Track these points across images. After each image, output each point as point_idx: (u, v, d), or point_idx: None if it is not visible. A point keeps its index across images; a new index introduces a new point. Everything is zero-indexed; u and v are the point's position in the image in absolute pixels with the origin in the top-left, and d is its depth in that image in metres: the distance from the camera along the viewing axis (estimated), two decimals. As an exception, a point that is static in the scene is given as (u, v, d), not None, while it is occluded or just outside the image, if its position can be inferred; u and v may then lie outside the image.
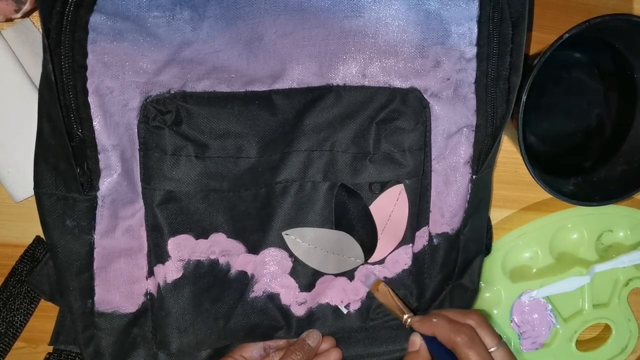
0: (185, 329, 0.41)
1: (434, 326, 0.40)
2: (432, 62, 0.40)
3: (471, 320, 0.40)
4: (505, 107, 0.42)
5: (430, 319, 0.40)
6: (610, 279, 0.56)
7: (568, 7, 0.52)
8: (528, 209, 0.54)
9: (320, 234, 0.42)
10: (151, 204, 0.39)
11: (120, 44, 0.36)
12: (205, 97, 0.38)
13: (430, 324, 0.40)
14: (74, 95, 0.36)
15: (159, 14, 0.36)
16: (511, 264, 0.54)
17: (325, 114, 0.40)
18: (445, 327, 0.39)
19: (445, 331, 0.39)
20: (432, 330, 0.40)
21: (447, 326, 0.39)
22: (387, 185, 0.42)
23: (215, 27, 0.37)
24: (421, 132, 0.42)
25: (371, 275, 0.43)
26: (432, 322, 0.40)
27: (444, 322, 0.40)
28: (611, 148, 0.52)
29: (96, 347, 0.40)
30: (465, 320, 0.40)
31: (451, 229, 0.45)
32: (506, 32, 0.40)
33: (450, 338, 0.38)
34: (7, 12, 0.39)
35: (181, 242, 0.40)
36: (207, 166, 0.39)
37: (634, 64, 0.49)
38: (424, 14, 0.39)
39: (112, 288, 0.40)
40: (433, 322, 0.40)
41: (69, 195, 0.37)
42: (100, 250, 0.39)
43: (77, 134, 0.37)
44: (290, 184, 0.41)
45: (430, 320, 0.40)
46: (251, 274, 0.42)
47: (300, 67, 0.39)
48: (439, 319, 0.40)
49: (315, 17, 0.38)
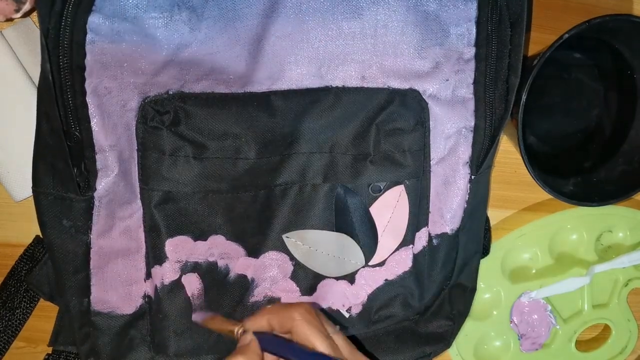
0: (183, 332, 0.41)
1: (266, 313, 0.36)
2: (431, 63, 0.40)
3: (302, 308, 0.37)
4: (504, 108, 0.42)
5: (261, 310, 0.37)
6: (610, 279, 0.56)
7: (568, 7, 0.52)
8: (528, 209, 0.54)
9: (321, 236, 0.42)
10: (149, 204, 0.39)
11: (118, 45, 0.36)
12: (204, 98, 0.38)
13: (262, 313, 0.36)
14: (72, 95, 0.36)
15: (157, 15, 0.36)
16: (511, 264, 0.54)
17: (324, 115, 0.40)
18: (278, 310, 0.36)
19: (278, 314, 0.36)
20: (266, 319, 0.36)
21: (280, 308, 0.36)
22: (388, 186, 0.42)
23: (214, 28, 0.37)
24: (421, 132, 0.41)
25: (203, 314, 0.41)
26: (264, 310, 0.37)
27: (276, 307, 0.37)
28: (611, 148, 0.52)
29: (92, 345, 0.40)
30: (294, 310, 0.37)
31: (450, 229, 0.45)
32: (505, 33, 0.40)
33: (285, 318, 0.35)
34: (7, 11, 0.39)
35: (179, 244, 0.40)
36: (206, 167, 0.39)
37: (634, 64, 0.49)
38: (422, 15, 0.39)
39: (109, 288, 0.40)
40: (265, 310, 0.37)
41: (66, 195, 0.37)
42: (97, 250, 0.39)
43: (74, 134, 0.37)
44: (290, 186, 0.41)
45: (262, 310, 0.37)
46: (251, 277, 0.42)
47: (299, 69, 0.39)
48: (271, 307, 0.37)
49: (314, 18, 0.38)
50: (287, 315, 0.35)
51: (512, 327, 0.54)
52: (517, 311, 0.54)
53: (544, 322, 0.54)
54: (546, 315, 0.54)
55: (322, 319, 0.36)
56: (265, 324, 0.36)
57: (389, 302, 0.45)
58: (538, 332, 0.54)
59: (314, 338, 0.34)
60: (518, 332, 0.54)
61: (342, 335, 0.36)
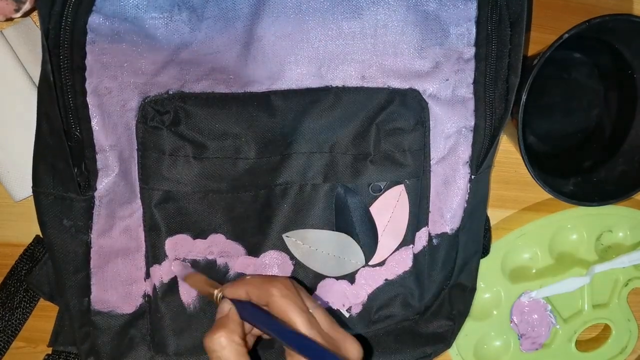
0: (182, 331, 0.41)
1: (245, 284, 0.36)
2: (430, 63, 0.40)
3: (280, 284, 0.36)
4: (504, 108, 0.42)
5: (241, 279, 0.37)
6: (610, 279, 0.56)
7: (568, 7, 0.52)
8: (528, 209, 0.54)
9: (321, 236, 0.42)
10: (149, 203, 0.39)
11: (118, 45, 0.36)
12: (204, 98, 0.38)
13: (242, 283, 0.36)
14: (72, 95, 0.36)
15: (157, 15, 0.36)
16: (511, 264, 0.54)
17: (324, 115, 0.40)
18: (258, 283, 0.36)
19: (257, 286, 0.35)
20: (245, 289, 0.36)
21: (260, 281, 0.36)
22: (388, 186, 0.42)
23: (214, 28, 0.37)
24: (421, 132, 0.42)
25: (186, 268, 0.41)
26: (244, 280, 0.37)
27: (255, 279, 0.36)
28: (611, 148, 0.52)
29: (92, 345, 0.40)
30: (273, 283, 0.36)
31: (450, 229, 0.45)
32: (505, 32, 0.40)
33: (263, 291, 0.35)
34: (7, 11, 0.39)
35: (178, 242, 0.40)
36: (205, 167, 0.39)
37: (634, 64, 0.49)
38: (422, 15, 0.39)
39: (109, 288, 0.40)
40: (245, 280, 0.36)
41: (66, 195, 0.37)
42: (97, 249, 0.39)
43: (75, 134, 0.37)
44: (290, 186, 0.41)
45: (242, 280, 0.37)
46: (252, 277, 0.42)
47: (299, 69, 0.39)
48: (250, 277, 0.37)
49: (314, 18, 0.38)
50: (266, 289, 0.35)
51: (512, 327, 0.54)
52: (517, 311, 0.54)
53: (544, 322, 0.54)
54: (546, 315, 0.54)
55: (302, 294, 0.36)
56: (243, 295, 0.36)
57: (389, 302, 0.45)
58: (538, 331, 0.54)
59: (292, 314, 0.34)
60: (518, 331, 0.54)
61: (322, 309, 0.36)
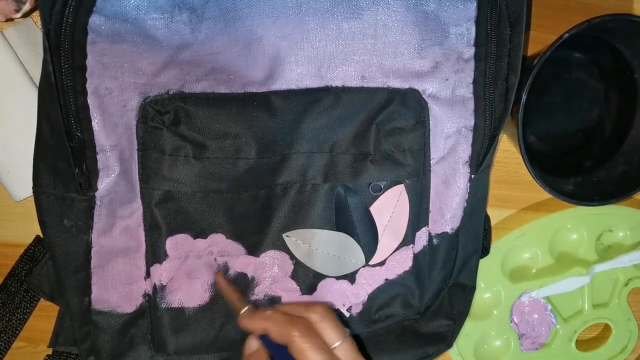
0: (182, 330, 0.41)
1: (265, 320, 0.36)
2: (430, 63, 0.40)
3: (313, 314, 0.36)
4: (504, 107, 0.42)
5: (262, 313, 0.37)
6: (610, 279, 0.56)
7: (568, 7, 0.52)
8: (528, 209, 0.54)
9: (321, 235, 0.42)
10: (149, 203, 0.39)
11: (119, 45, 0.36)
12: (204, 98, 0.38)
13: (262, 319, 0.36)
14: (73, 95, 0.36)
15: (157, 16, 0.36)
16: (511, 264, 0.54)
17: (324, 115, 0.40)
18: (279, 322, 0.35)
19: (278, 326, 0.35)
20: (264, 326, 0.36)
21: (281, 320, 0.35)
22: (388, 185, 0.42)
23: (214, 29, 0.37)
24: (421, 132, 0.42)
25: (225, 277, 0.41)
26: (264, 315, 0.36)
27: (277, 316, 0.36)
28: (611, 148, 0.52)
29: (92, 344, 0.40)
30: (307, 314, 0.36)
31: (450, 228, 0.45)
32: (504, 32, 0.40)
33: (283, 333, 0.34)
34: (7, 11, 0.39)
35: (179, 241, 0.40)
36: (206, 167, 0.39)
37: (634, 64, 0.49)
38: (422, 15, 0.39)
39: (109, 287, 0.40)
40: (265, 316, 0.36)
41: (67, 195, 0.37)
42: (98, 249, 0.39)
43: (76, 134, 0.37)
44: (290, 186, 0.41)
45: (262, 315, 0.36)
46: (252, 276, 0.42)
47: (299, 69, 0.39)
48: (272, 312, 0.36)
49: (314, 18, 0.38)
50: (287, 329, 0.35)
51: (512, 326, 0.54)
52: (518, 311, 0.54)
53: (544, 322, 0.54)
54: (546, 315, 0.54)
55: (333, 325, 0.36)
56: (260, 330, 0.36)
57: (389, 302, 0.45)
58: (538, 331, 0.55)
59: (312, 355, 0.34)
60: (518, 331, 0.54)
61: (350, 341, 0.36)
